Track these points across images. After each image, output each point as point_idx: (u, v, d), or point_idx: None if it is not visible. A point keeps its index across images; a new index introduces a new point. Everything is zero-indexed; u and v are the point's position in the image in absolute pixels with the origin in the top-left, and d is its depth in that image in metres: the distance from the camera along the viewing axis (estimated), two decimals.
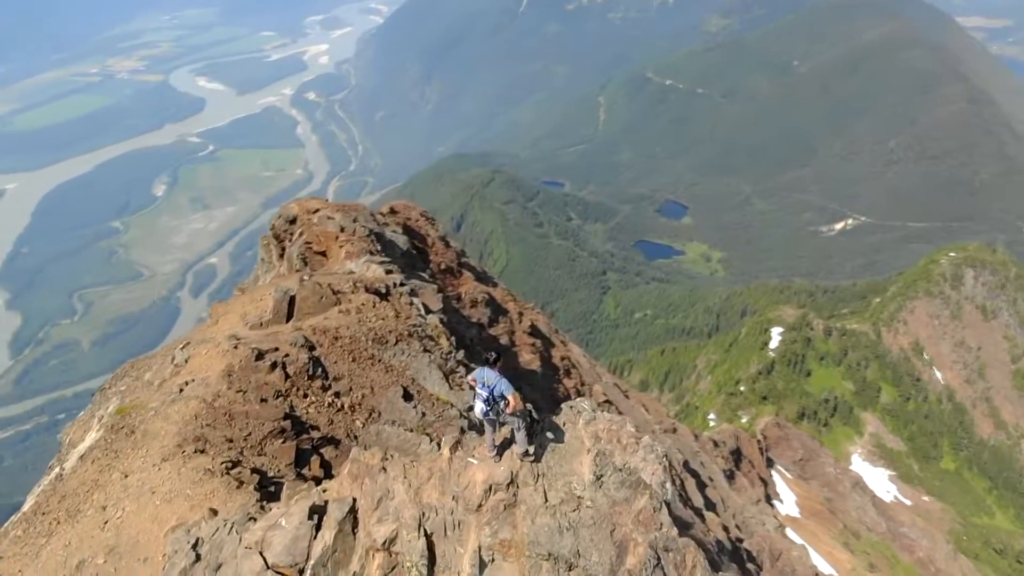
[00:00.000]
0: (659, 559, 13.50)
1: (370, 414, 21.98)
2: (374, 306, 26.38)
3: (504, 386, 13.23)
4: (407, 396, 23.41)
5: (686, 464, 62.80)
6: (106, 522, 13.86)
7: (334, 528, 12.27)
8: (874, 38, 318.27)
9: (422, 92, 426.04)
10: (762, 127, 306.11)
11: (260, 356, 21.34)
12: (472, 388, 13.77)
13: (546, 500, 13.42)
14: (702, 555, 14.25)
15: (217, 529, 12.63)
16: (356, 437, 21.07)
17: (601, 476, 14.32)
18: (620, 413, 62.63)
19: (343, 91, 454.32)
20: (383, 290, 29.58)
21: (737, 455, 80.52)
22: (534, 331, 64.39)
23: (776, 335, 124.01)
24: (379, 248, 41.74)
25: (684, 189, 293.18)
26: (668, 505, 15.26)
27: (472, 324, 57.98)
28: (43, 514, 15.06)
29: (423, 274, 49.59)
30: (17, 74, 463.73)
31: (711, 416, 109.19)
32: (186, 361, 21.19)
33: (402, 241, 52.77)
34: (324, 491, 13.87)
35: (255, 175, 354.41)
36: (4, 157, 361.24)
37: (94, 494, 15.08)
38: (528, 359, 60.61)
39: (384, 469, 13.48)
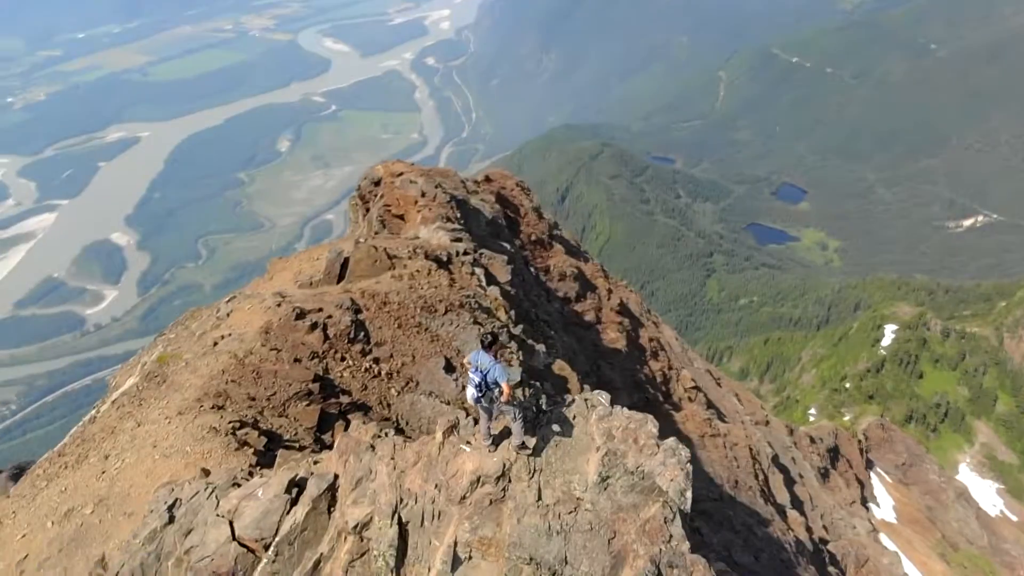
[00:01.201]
0: (660, 575, 12.27)
1: (407, 383, 21.47)
2: (429, 273, 25.81)
3: (498, 372, 12.19)
4: (449, 368, 22.76)
5: (775, 459, 60.12)
6: (104, 472, 13.91)
7: (308, 505, 11.72)
8: (1019, 25, 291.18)
9: (538, 61, 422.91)
10: (892, 112, 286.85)
11: (301, 315, 21.15)
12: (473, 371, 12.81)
13: (539, 499, 12.39)
14: (712, 574, 12.91)
15: (197, 492, 12.32)
16: (389, 405, 20.63)
17: (608, 478, 13.13)
18: (709, 401, 60.54)
19: (461, 57, 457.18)
20: (444, 257, 29.00)
21: (834, 454, 77.02)
22: (623, 309, 62.81)
23: (889, 332, 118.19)
24: (458, 215, 41.22)
25: (803, 172, 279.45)
26: (684, 516, 13.90)
27: (556, 298, 57.03)
28: (60, 456, 15.35)
29: (505, 243, 48.90)
30: (153, 27, 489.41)
31: (812, 411, 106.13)
32: (228, 315, 21.28)
33: (488, 210, 52.14)
34: (316, 463, 13.35)
35: (373, 137, 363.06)
36: (141, 106, 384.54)
37: (105, 441, 15.23)
38: (613, 338, 59.23)
39: (372, 447, 12.79)
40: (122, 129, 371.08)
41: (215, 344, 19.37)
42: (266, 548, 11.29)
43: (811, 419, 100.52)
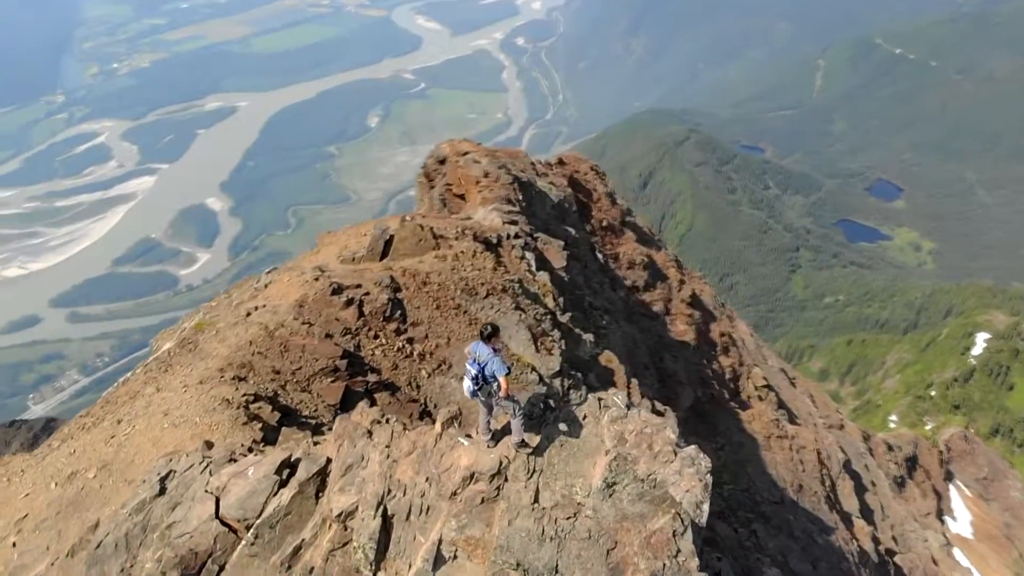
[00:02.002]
0: None
1: (440, 365, 21.12)
2: (474, 255, 25.33)
3: (496, 366, 11.53)
4: None
5: (847, 464, 57.70)
6: (113, 436, 14.03)
7: (294, 488, 11.41)
8: None
9: (627, 44, 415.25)
10: (999, 111, 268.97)
11: (338, 291, 21.03)
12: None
13: (535, 501, 11.74)
14: None
15: (192, 465, 12.21)
16: (419, 387, 20.32)
17: (614, 484, 12.35)
18: (780, 400, 58.44)
19: (551, 38, 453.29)
20: (494, 240, 28.47)
21: (912, 463, 73.70)
22: (694, 301, 61.20)
23: (981, 341, 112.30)
24: (520, 197, 40.63)
25: (900, 169, 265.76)
26: (698, 531, 13.01)
27: (622, 286, 55.91)
28: (83, 416, 15.61)
29: (570, 228, 48.13)
30: (254, 0, 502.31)
31: (892, 418, 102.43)
32: (266, 286, 21.35)
33: (556, 193, 51.36)
34: (316, 444, 13.07)
35: (460, 116, 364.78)
36: (239, 77, 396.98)
37: (124, 406, 15.40)
38: (681, 330, 57.82)
39: (369, 433, 12.39)
40: (220, 99, 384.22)
41: (248, 315, 19.43)
42: (248, 529, 11.07)
43: (891, 426, 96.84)
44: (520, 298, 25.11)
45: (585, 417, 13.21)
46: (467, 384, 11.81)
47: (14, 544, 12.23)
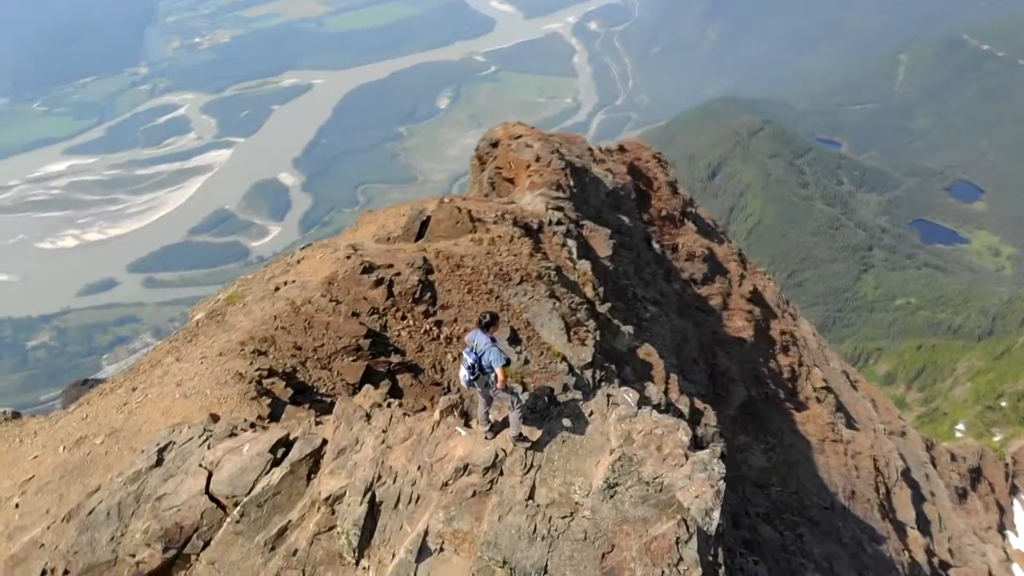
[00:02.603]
0: None
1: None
2: (511, 240, 24.94)
3: (493, 356, 11.14)
4: (514, 339, 21.95)
5: (905, 473, 55.76)
6: (125, 404, 14.21)
7: (286, 468, 11.30)
8: None
9: (703, 30, 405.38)
10: None
11: (369, 270, 20.96)
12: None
13: (530, 497, 11.34)
14: None
15: (192, 438, 12.23)
16: (443, 370, 20.13)
17: (616, 485, 11.86)
18: (839, 403, 56.63)
19: (624, 23, 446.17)
20: (535, 225, 28.03)
21: (976, 475, 70.93)
22: (755, 297, 59.73)
23: None
24: (571, 183, 40.03)
25: (982, 170, 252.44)
26: (706, 540, 12.42)
27: (678, 278, 54.86)
28: (108, 382, 15.90)
29: (624, 217, 47.38)
30: None
31: (959, 427, 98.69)
32: (298, 262, 21.43)
33: (612, 180, 50.54)
34: (318, 424, 12.94)
35: (528, 100, 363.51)
36: (316, 55, 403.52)
37: (143, 374, 15.59)
38: (739, 326, 56.54)
39: (368, 416, 12.18)
40: (296, 76, 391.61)
41: (276, 289, 19.52)
42: (236, 507, 11.02)
43: (958, 435, 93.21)
44: (555, 286, 24.63)
45: (591, 414, 12.73)
46: (463, 373, 11.49)
47: (17, 505, 12.53)
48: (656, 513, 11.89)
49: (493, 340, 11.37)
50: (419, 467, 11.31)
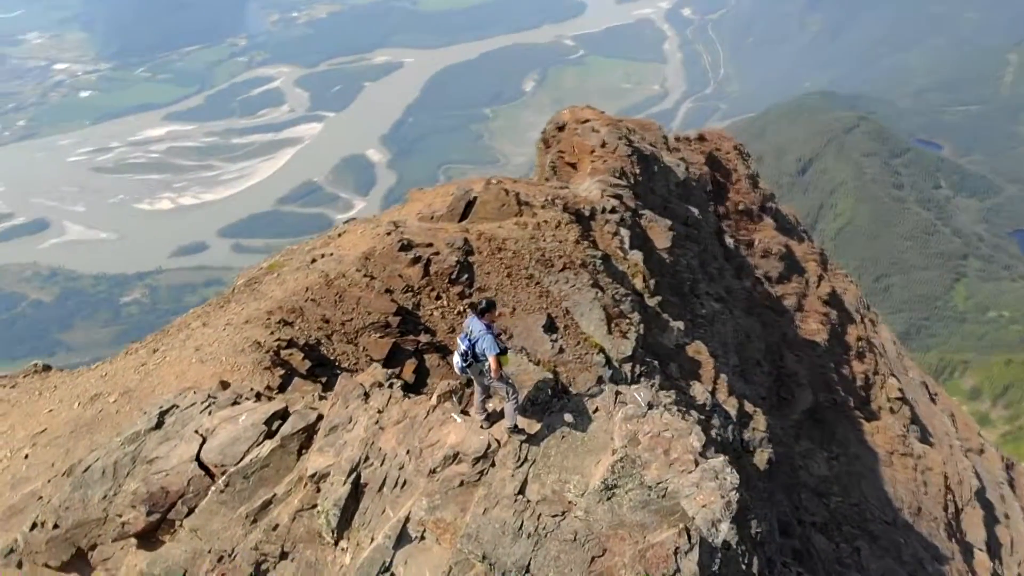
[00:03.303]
0: None
1: (500, 334, 20.48)
2: (558, 226, 24.37)
3: (487, 344, 10.73)
4: (551, 327, 21.48)
5: (979, 493, 53.21)
6: (143, 365, 14.44)
7: (276, 442, 11.21)
8: None
9: (801, 21, 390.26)
10: None
11: (407, 247, 20.82)
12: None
13: (520, 492, 10.92)
14: None
15: (194, 403, 12.30)
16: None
17: (615, 487, 11.33)
18: (914, 415, 54.14)
19: (720, 10, 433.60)
20: (587, 212, 27.35)
21: None
22: (832, 300, 57.56)
23: None
24: (636, 171, 39.05)
25: None
26: (710, 552, 11.77)
27: (750, 275, 53.30)
28: (138, 342, 16.26)
29: (694, 208, 46.11)
30: None
31: None
32: (339, 235, 21.47)
33: (683, 170, 49.23)
34: (321, 399, 12.84)
35: (614, 85, 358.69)
36: (408, 33, 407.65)
37: (169, 336, 15.85)
38: (813, 329, 54.60)
39: (366, 395, 11.97)
40: (388, 53, 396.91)
41: (313, 261, 19.60)
42: (224, 476, 11.01)
43: None
44: (600, 275, 23.97)
45: (596, 410, 12.19)
46: (456, 360, 11.14)
47: (26, 456, 12.93)
48: (656, 520, 11.32)
49: (489, 327, 10.96)
50: (408, 451, 11.04)
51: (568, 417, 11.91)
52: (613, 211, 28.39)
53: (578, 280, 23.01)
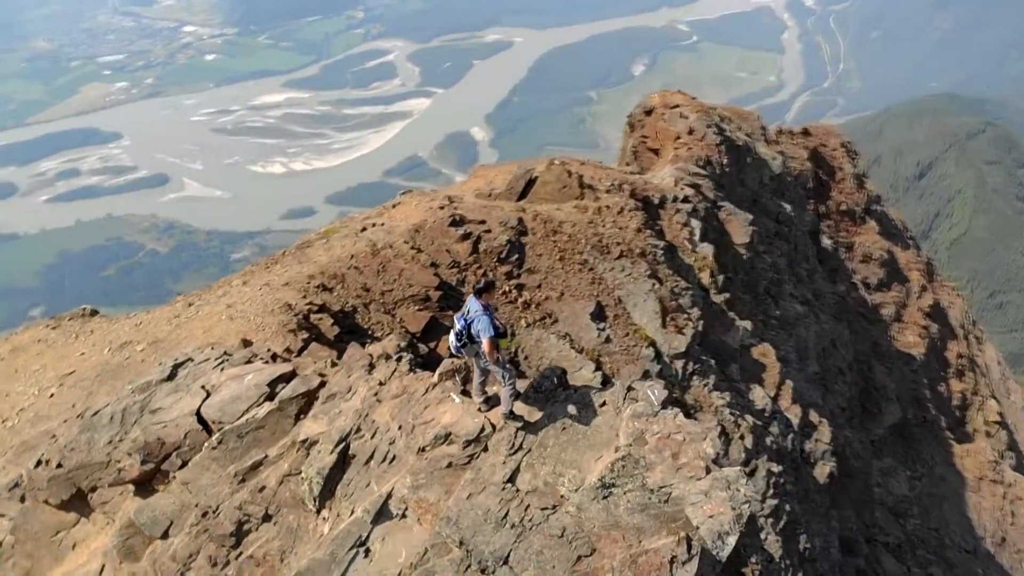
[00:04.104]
0: None
1: (544, 318, 20.10)
2: (620, 212, 23.58)
3: (482, 325, 10.25)
4: (599, 315, 20.88)
5: None
6: (176, 317, 14.76)
7: (275, 404, 11.18)
8: None
9: (930, 18, 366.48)
10: None
11: (458, 223, 20.61)
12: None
13: (510, 481, 10.50)
14: None
15: (208, 359, 12.44)
16: (514, 335, 19.48)
17: (613, 486, 10.76)
18: (1012, 442, 50.76)
19: (844, 3, 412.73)
20: (655, 200, 26.37)
21: None
22: (935, 313, 54.47)
23: None
24: (724, 161, 37.58)
25: None
26: (712, 565, 11.04)
27: (845, 280, 51.02)
28: (183, 295, 16.70)
29: (786, 204, 44.22)
30: None
31: None
32: (394, 206, 21.43)
33: (779, 164, 47.26)
34: (333, 365, 12.74)
35: (728, 74, 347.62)
36: (520, 13, 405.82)
37: (209, 292, 16.17)
38: (910, 342, 51.96)
39: (372, 366, 11.79)
40: (499, 32, 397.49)
41: (363, 229, 19.64)
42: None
43: None
44: (660, 266, 23.07)
45: (604, 404, 11.59)
46: (451, 340, 10.76)
47: (51, 396, 13.45)
48: (655, 525, 10.69)
49: (486, 308, 10.51)
50: (400, 427, 10.80)
51: (572, 408, 11.38)
52: (686, 200, 27.28)
53: (635, 269, 22.23)
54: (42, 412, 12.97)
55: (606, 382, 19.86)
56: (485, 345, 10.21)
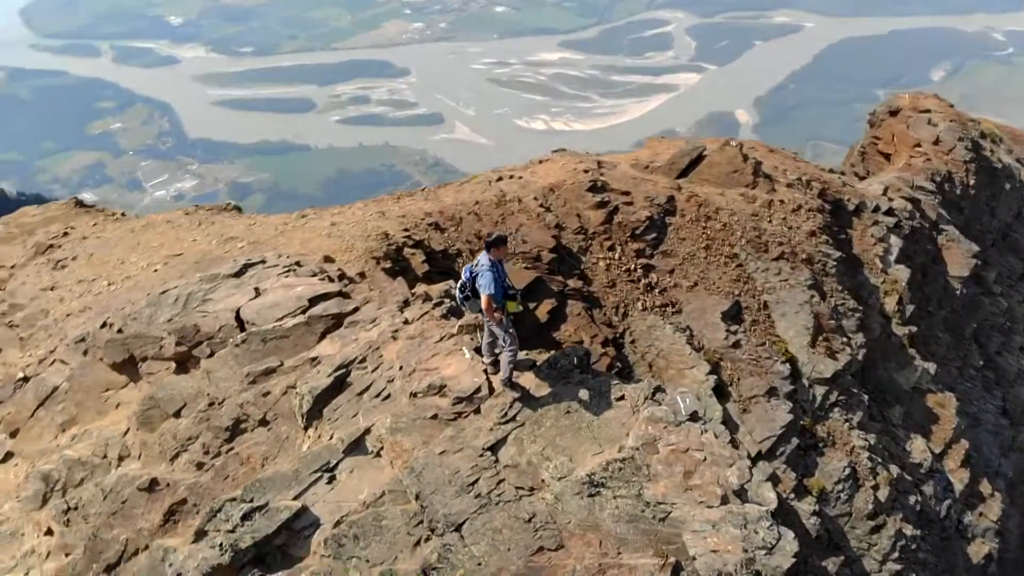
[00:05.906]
0: None
1: (665, 305, 18.75)
2: (795, 210, 21.14)
3: (485, 280, 9.55)
4: (734, 316, 19.10)
5: None
6: (286, 223, 15.67)
7: (303, 319, 11.38)
8: None
9: None
10: None
11: (597, 189, 19.66)
12: None
13: (490, 450, 9.86)
14: None
15: (275, 265, 12.95)
16: (625, 315, 18.42)
17: (603, 486, 9.83)
18: None
19: None
20: (849, 206, 23.25)
21: None
22: None
23: None
24: (971, 183, 32.62)
25: None
26: None
27: None
28: (312, 208, 17.60)
29: None
30: None
31: None
32: (541, 162, 20.86)
33: None
34: (413, 294, 12.60)
35: None
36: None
37: (327, 210, 16.85)
38: None
39: (406, 303, 11.58)
40: (789, 15, 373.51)
41: (499, 179, 19.38)
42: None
43: None
44: (828, 279, 20.38)
45: (621, 399, 10.44)
46: (456, 291, 10.19)
47: (155, 271, 14.80)
48: (642, 540, 9.64)
49: (495, 264, 9.77)
50: (402, 367, 10.54)
51: (583, 393, 10.40)
52: (890, 213, 23.80)
53: (794, 275, 19.88)
54: (141, 283, 14.44)
55: (718, 390, 18.25)
56: (483, 302, 9.58)
